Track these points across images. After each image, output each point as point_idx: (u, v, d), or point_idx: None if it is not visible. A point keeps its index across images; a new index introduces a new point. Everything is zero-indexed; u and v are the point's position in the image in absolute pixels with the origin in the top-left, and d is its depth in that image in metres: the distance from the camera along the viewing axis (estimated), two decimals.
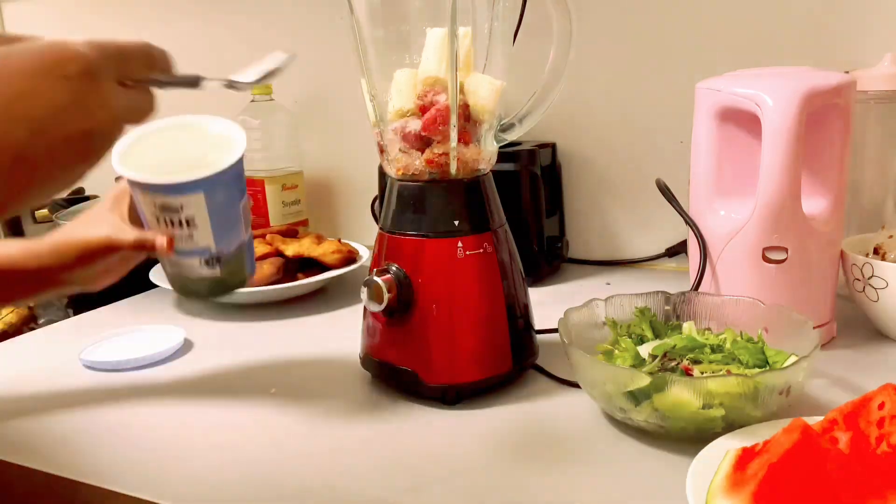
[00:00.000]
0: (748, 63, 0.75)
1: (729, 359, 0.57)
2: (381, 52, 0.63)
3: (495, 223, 0.63)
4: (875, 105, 0.78)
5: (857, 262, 0.69)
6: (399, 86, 0.62)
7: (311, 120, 1.19)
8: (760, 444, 0.45)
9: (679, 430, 0.52)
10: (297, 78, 1.18)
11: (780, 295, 0.65)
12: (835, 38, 0.83)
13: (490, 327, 0.62)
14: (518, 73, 0.65)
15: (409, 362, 0.62)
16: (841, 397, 0.59)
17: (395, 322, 0.63)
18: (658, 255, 0.98)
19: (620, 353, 0.60)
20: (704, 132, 0.70)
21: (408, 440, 0.57)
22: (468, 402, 0.62)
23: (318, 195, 1.22)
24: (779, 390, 0.52)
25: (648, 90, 0.94)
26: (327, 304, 0.91)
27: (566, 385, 0.65)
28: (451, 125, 0.61)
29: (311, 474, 0.53)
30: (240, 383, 0.70)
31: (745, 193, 0.67)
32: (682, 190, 0.76)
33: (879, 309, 0.69)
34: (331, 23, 1.11)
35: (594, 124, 0.99)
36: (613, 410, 0.56)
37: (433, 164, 0.62)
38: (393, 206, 0.64)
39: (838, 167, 0.68)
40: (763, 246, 0.66)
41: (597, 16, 0.95)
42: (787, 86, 0.63)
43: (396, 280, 0.61)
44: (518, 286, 0.65)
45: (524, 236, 0.92)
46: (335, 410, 0.63)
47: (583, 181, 1.01)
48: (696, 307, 0.65)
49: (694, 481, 0.45)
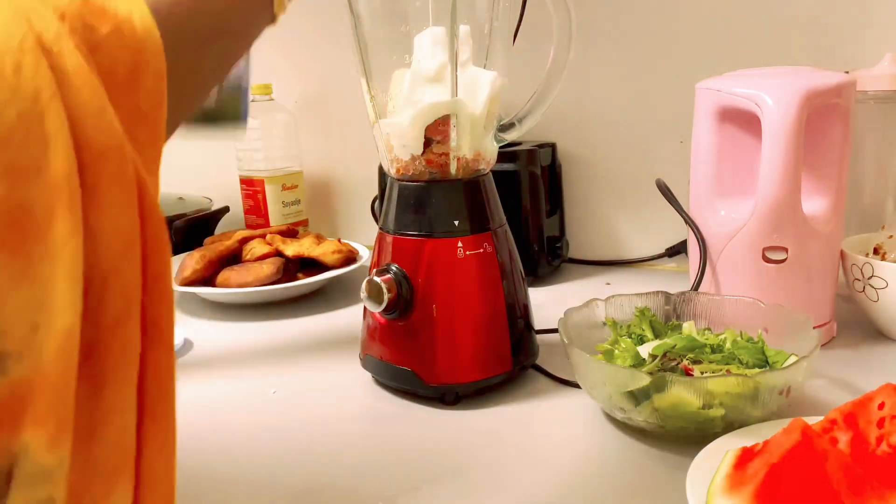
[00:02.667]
0: (748, 63, 0.75)
1: (729, 359, 0.57)
2: (381, 52, 0.63)
3: (495, 223, 0.63)
4: (875, 105, 0.78)
5: (857, 262, 0.69)
6: (397, 86, 0.62)
7: (311, 120, 1.19)
8: (760, 444, 0.45)
9: (679, 430, 0.52)
10: (297, 78, 1.18)
11: (780, 295, 0.65)
12: (835, 38, 0.83)
13: (490, 327, 0.62)
14: (518, 73, 0.65)
15: (409, 362, 0.62)
16: (841, 397, 0.59)
17: (395, 322, 0.63)
18: (658, 255, 0.98)
19: (620, 353, 0.60)
20: (704, 132, 0.70)
21: (408, 440, 0.57)
22: (468, 402, 0.62)
23: (318, 195, 1.22)
24: (779, 390, 0.52)
25: (648, 90, 0.94)
26: (327, 304, 0.91)
27: (566, 385, 0.65)
28: (452, 125, 0.61)
29: (311, 474, 0.53)
30: (240, 383, 0.70)
31: (745, 193, 0.67)
32: (682, 190, 0.76)
33: (879, 309, 0.69)
34: (331, 23, 1.11)
35: (594, 124, 0.99)
36: (613, 410, 0.56)
37: (433, 164, 0.62)
38: (393, 206, 0.64)
39: (838, 167, 0.68)
40: (763, 246, 0.66)
41: (597, 16, 0.94)
42: (787, 86, 0.63)
43: (396, 280, 0.61)
44: (518, 286, 0.65)
45: (524, 236, 0.92)
46: (335, 410, 0.63)
47: (583, 181, 1.01)
48: (696, 307, 0.65)
49: (694, 481, 0.45)
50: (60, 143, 0.23)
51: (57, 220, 0.23)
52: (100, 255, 0.25)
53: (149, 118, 0.29)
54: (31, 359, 0.22)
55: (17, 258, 0.22)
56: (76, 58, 0.25)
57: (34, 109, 0.23)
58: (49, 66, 0.24)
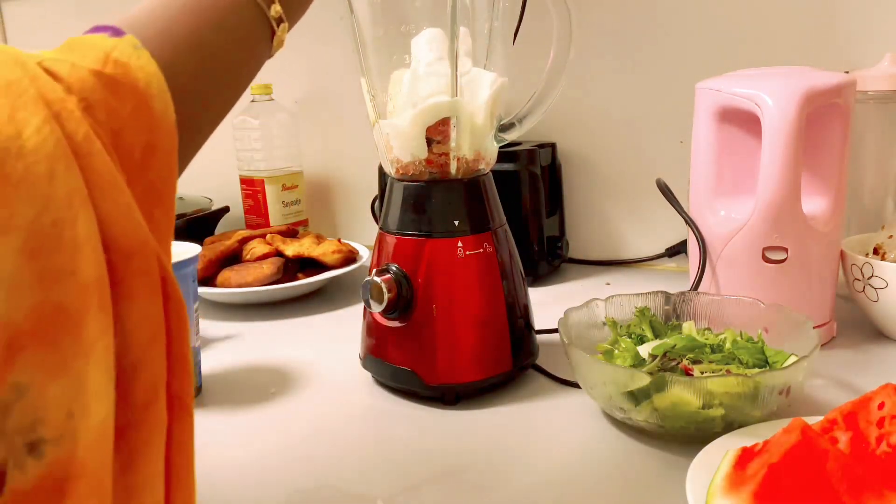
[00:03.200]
0: (748, 63, 0.75)
1: (729, 359, 0.57)
2: (381, 52, 0.63)
3: (495, 223, 0.63)
4: (875, 105, 0.78)
5: (857, 262, 0.69)
6: (397, 86, 0.62)
7: (311, 120, 1.19)
8: (760, 444, 0.45)
9: (679, 429, 0.52)
10: (297, 78, 1.18)
11: (780, 295, 0.65)
12: (835, 38, 0.83)
13: (490, 327, 0.62)
14: (518, 73, 0.65)
15: (409, 362, 0.62)
16: (841, 397, 0.59)
17: (395, 322, 0.63)
18: (658, 255, 0.98)
19: (620, 353, 0.60)
20: (704, 132, 0.70)
21: (408, 440, 0.57)
22: (468, 402, 0.62)
23: (318, 195, 1.22)
24: (779, 390, 0.52)
25: (648, 90, 0.94)
26: (327, 304, 0.91)
27: (566, 385, 0.65)
28: (452, 125, 0.61)
29: (310, 474, 0.53)
30: (240, 383, 0.70)
31: (745, 193, 0.67)
32: (682, 190, 0.76)
33: (879, 309, 0.69)
34: (331, 23, 1.11)
35: (594, 124, 0.99)
36: (613, 410, 0.56)
37: (433, 164, 0.62)
38: (393, 206, 0.64)
39: (838, 167, 0.68)
40: (763, 246, 0.66)
41: (597, 16, 0.95)
42: (787, 86, 0.63)
43: (396, 280, 0.61)
44: (518, 286, 0.65)
45: (524, 236, 0.92)
46: (335, 410, 0.63)
47: (583, 181, 1.01)
48: (696, 307, 0.65)
49: (694, 481, 0.45)
50: (91, 246, 0.25)
51: (89, 319, 0.24)
52: (130, 345, 0.26)
53: (163, 195, 0.31)
54: (66, 443, 0.24)
55: (54, 354, 0.24)
56: (104, 158, 0.27)
57: (67, 216, 0.24)
58: (80, 167, 0.25)
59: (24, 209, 0.23)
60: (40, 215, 0.24)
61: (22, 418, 0.23)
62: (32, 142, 0.24)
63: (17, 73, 0.26)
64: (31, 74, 0.26)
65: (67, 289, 0.24)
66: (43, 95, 0.26)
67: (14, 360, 0.23)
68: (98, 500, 0.24)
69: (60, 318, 0.24)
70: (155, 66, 0.31)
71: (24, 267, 0.23)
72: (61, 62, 0.28)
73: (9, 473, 0.23)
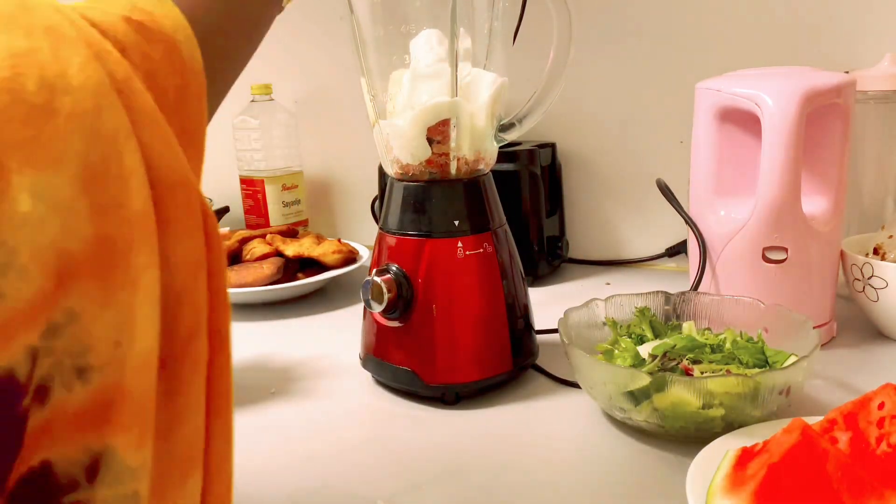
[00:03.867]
0: (748, 63, 0.75)
1: (729, 359, 0.57)
2: (381, 52, 0.63)
3: (495, 223, 0.63)
4: (875, 105, 0.78)
5: (857, 262, 0.69)
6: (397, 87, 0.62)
7: (311, 120, 1.19)
8: (760, 444, 0.45)
9: (679, 429, 0.52)
10: (297, 78, 1.18)
11: (780, 295, 0.65)
12: (835, 38, 0.83)
13: (490, 327, 0.62)
14: (518, 73, 0.65)
15: (409, 362, 0.62)
16: (841, 397, 0.59)
17: (395, 322, 0.63)
18: (658, 255, 0.98)
19: (620, 353, 0.60)
20: (704, 132, 0.70)
21: (408, 440, 0.57)
22: (468, 402, 0.62)
23: (318, 195, 1.22)
24: (779, 390, 0.52)
25: (648, 90, 0.94)
26: (327, 304, 0.91)
27: (566, 385, 0.65)
28: (452, 125, 0.61)
29: (310, 474, 0.53)
30: (240, 383, 0.70)
31: (745, 193, 0.67)
32: (682, 190, 0.76)
33: (879, 309, 0.69)
34: (331, 23, 1.12)
35: (594, 124, 0.99)
36: (613, 410, 0.56)
37: (433, 164, 0.62)
38: (393, 206, 0.64)
39: (838, 167, 0.68)
40: (763, 246, 0.66)
41: (597, 16, 0.95)
42: (786, 86, 0.63)
43: (396, 280, 0.61)
44: (518, 286, 0.65)
45: (524, 236, 0.92)
46: (335, 410, 0.63)
47: (583, 181, 1.01)
48: (696, 307, 0.65)
49: (694, 481, 0.45)
50: (137, 179, 0.26)
51: (136, 251, 0.25)
52: (174, 279, 0.27)
53: (194, 138, 0.32)
54: (112, 371, 0.24)
55: (104, 285, 0.24)
56: (145, 96, 0.28)
57: (114, 150, 0.25)
58: (123, 105, 0.26)
59: (76, 142, 0.24)
60: (89, 149, 0.24)
61: (72, 343, 0.23)
62: (78, 79, 0.25)
63: (57, 17, 0.26)
64: (70, 19, 0.27)
65: (117, 221, 0.25)
66: (84, 37, 0.27)
67: (68, 288, 0.23)
68: (140, 426, 0.25)
69: (110, 249, 0.24)
70: (179, 13, 0.32)
71: (78, 198, 0.23)
72: (93, 9, 0.29)
73: (55, 390, 0.23)
